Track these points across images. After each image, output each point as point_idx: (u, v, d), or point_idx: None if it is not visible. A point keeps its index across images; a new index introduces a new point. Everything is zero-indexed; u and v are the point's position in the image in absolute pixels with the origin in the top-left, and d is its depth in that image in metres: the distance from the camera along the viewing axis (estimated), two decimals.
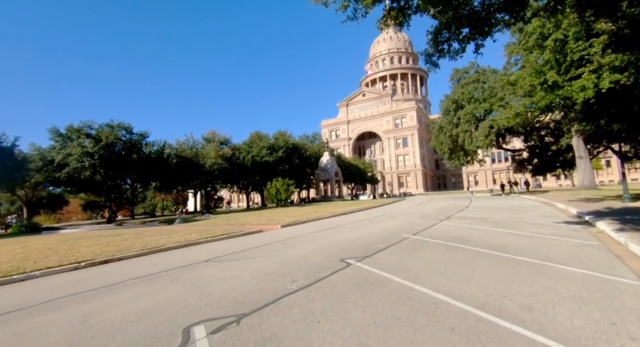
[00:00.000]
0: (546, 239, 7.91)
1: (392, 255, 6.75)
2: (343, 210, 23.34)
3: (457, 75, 35.36)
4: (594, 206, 14.37)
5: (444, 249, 7.19)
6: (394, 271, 5.46)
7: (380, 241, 8.55)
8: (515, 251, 6.61)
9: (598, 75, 11.58)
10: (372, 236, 9.66)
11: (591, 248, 6.72)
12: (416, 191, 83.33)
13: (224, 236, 12.72)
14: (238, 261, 7.27)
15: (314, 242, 9.32)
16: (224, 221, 21.71)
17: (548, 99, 12.97)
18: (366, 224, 13.80)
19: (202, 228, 16.40)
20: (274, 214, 23.65)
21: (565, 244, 7.22)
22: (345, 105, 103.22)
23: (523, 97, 13.50)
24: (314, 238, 10.39)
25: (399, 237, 9.09)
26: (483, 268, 5.44)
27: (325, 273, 5.50)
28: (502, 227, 10.26)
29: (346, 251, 7.53)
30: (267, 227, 15.86)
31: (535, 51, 12.50)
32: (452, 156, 35.40)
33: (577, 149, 28.89)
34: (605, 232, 8.54)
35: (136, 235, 13.70)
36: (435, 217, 14.05)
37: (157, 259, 8.62)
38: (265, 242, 10.31)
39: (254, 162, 40.57)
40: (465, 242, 7.80)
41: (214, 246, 10.46)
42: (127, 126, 31.31)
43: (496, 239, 8.19)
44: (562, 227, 9.74)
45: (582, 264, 5.49)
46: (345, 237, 10.02)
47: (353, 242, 8.85)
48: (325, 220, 17.82)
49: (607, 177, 70.16)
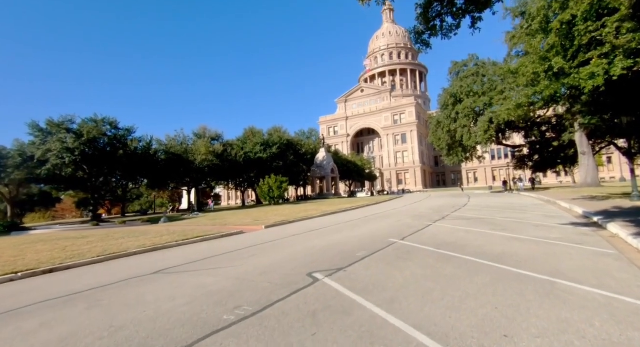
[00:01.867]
0: (553, 245, 6.84)
1: (371, 267, 5.68)
2: (335, 208, 22.32)
3: (456, 69, 34.10)
4: (600, 205, 13.30)
5: (433, 259, 6.12)
6: (367, 291, 4.39)
7: (362, 248, 7.48)
8: (518, 262, 5.54)
9: (609, 61, 10.46)
10: (355, 241, 8.59)
11: (608, 259, 5.65)
12: (415, 188, 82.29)
13: (199, 238, 11.67)
14: (191, 273, 6.19)
15: (289, 248, 8.25)
16: (209, 220, 20.68)
17: (553, 89, 11.83)
18: (354, 225, 12.74)
19: (180, 229, 15.35)
20: (263, 213, 22.61)
21: (577, 252, 6.14)
22: (343, 101, 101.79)
23: (525, 87, 12.41)
24: (292, 242, 9.32)
25: (384, 242, 8.02)
26: (478, 287, 4.37)
27: (282, 294, 4.42)
28: (502, 229, 9.19)
29: (320, 260, 6.46)
30: (250, 228, 14.81)
31: (539, 35, 11.36)
32: (450, 152, 34.22)
33: (580, 145, 27.76)
34: (620, 237, 7.48)
35: (104, 237, 12.62)
36: (429, 218, 12.97)
37: (107, 267, 7.55)
38: (238, 246, 9.24)
39: (246, 159, 39.41)
40: (459, 250, 6.73)
41: (180, 251, 9.39)
42: (112, 121, 29.98)
43: (495, 245, 7.12)
44: (569, 230, 8.67)
45: (602, 282, 4.41)
46: (326, 241, 8.95)
47: (332, 248, 7.78)
48: (314, 220, 16.77)
49: (608, 173, 69.12)
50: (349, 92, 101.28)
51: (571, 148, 31.45)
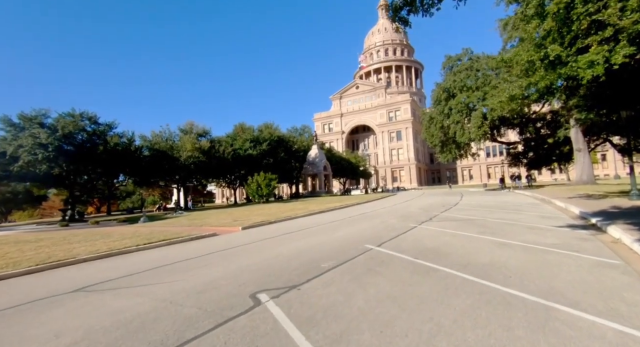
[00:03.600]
0: (547, 253, 5.95)
1: (332, 283, 4.73)
2: (323, 207, 21.42)
3: (450, 63, 33.10)
4: (598, 205, 12.50)
5: (408, 271, 5.18)
6: (313, 321, 3.44)
7: (331, 256, 6.53)
8: (506, 278, 4.63)
9: (610, 48, 9.57)
10: (327, 247, 7.64)
11: (613, 272, 4.75)
12: (410, 185, 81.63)
13: (164, 241, 10.67)
14: (117, 291, 5.18)
15: (251, 256, 7.28)
16: (189, 220, 19.65)
17: (548, 80, 10.92)
18: (335, 226, 11.80)
19: (151, 230, 14.33)
20: (248, 213, 21.63)
21: (575, 263, 5.25)
22: (338, 98, 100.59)
23: (519, 78, 11.54)
24: (259, 248, 8.36)
25: (359, 249, 7.07)
26: (455, 315, 3.44)
27: (204, 327, 3.45)
28: (492, 233, 8.30)
29: (277, 273, 5.50)
30: (226, 230, 13.84)
31: (534, 21, 10.43)
32: (444, 149, 33.34)
33: (575, 142, 27.05)
34: (623, 243, 6.61)
35: (60, 241, 11.55)
36: (416, 219, 12.07)
37: (36, 280, 6.53)
38: (199, 253, 8.26)
39: (236, 156, 38.22)
40: (441, 259, 5.81)
41: (133, 258, 8.39)
42: (91, 116, 28.58)
43: (482, 253, 6.22)
44: (565, 234, 7.80)
45: (609, 306, 3.51)
46: (297, 247, 8.00)
47: (299, 256, 6.82)
48: (297, 220, 15.82)
49: (602, 171, 68.93)
50: (344, 88, 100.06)
51: (566, 145, 30.75)
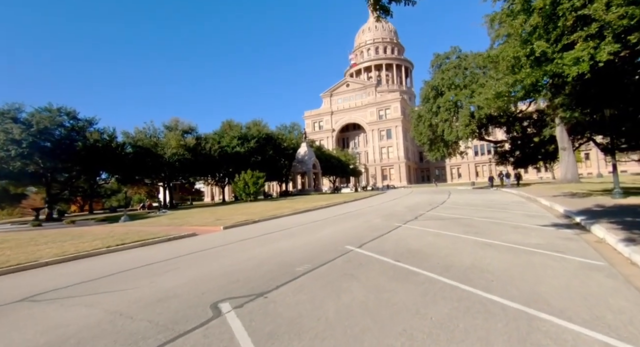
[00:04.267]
0: (532, 254, 5.74)
1: (303, 290, 4.38)
2: (310, 206, 21.08)
3: (438, 61, 33.09)
4: (582, 203, 12.52)
5: (387, 276, 4.87)
6: (274, 336, 3.08)
7: (308, 259, 6.18)
8: (488, 282, 4.36)
9: (595, 45, 9.49)
10: (305, 248, 7.29)
11: (598, 275, 4.55)
12: (400, 183, 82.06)
13: (138, 242, 10.15)
14: (67, 300, 4.70)
15: (223, 259, 6.88)
16: (170, 219, 19.04)
17: (534, 77, 10.80)
18: (318, 226, 11.47)
19: (127, 230, 13.72)
20: (232, 211, 21.13)
21: (560, 266, 5.03)
22: (329, 95, 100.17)
23: (506, 75, 11.40)
24: (235, 250, 7.96)
25: (338, 250, 6.74)
26: (430, 327, 3.13)
27: (149, 346, 3.05)
28: (477, 232, 8.09)
29: (245, 279, 5.12)
30: (207, 230, 13.35)
31: (521, 16, 10.28)
32: (432, 148, 33.36)
33: (560, 140, 27.39)
34: (608, 243, 6.47)
35: (26, 242, 10.88)
36: (401, 218, 11.83)
37: None
38: (170, 255, 7.80)
39: (222, 153, 37.42)
40: (422, 262, 5.53)
41: (101, 260, 7.87)
42: (69, 111, 27.37)
43: (465, 254, 5.97)
44: (550, 234, 7.65)
45: (595, 314, 3.26)
46: (273, 249, 7.63)
47: (273, 259, 6.45)
48: (281, 219, 15.44)
49: (585, 170, 70.59)
50: (335, 86, 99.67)
51: (551, 144, 31.17)
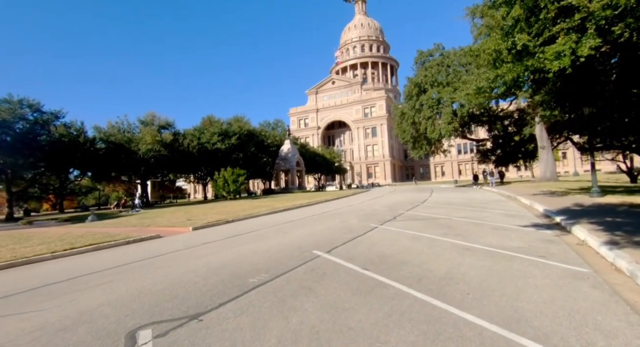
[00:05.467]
0: (512, 260, 5.24)
1: (248, 310, 3.68)
2: (290, 204, 20.37)
3: (422, 58, 32.91)
4: (561, 202, 12.35)
5: (350, 289, 4.24)
6: None
7: (267, 267, 5.48)
8: (464, 296, 3.79)
9: (576, 39, 9.19)
10: (268, 254, 6.58)
11: (583, 285, 4.06)
12: (384, 181, 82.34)
13: (90, 247, 9.22)
14: None
15: (170, 269, 6.09)
16: (140, 219, 17.90)
17: (515, 72, 10.48)
18: (291, 227, 10.78)
19: (85, 232, 12.62)
20: (207, 210, 20.16)
21: (542, 274, 4.54)
22: (314, 93, 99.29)
23: (487, 70, 11.04)
24: (190, 256, 7.17)
25: (303, 257, 6.08)
26: None
27: None
28: (455, 234, 7.61)
29: (185, 295, 4.38)
30: (174, 231, 12.44)
31: (503, 9, 9.90)
32: (415, 145, 33.21)
33: (540, 139, 27.69)
34: (590, 246, 6.08)
35: None
36: (379, 218, 11.29)
37: None
38: (115, 262, 6.95)
39: (202, 150, 36.06)
40: (393, 270, 4.93)
41: (40, 268, 6.94)
42: (32, 103, 25.36)
43: (441, 260, 5.42)
44: (530, 235, 7.24)
45: (586, 341, 2.72)
46: (233, 254, 6.89)
47: (231, 266, 5.73)
48: (256, 219, 14.67)
49: (563, 168, 72.82)
50: (320, 83, 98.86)
51: (531, 142, 31.59)
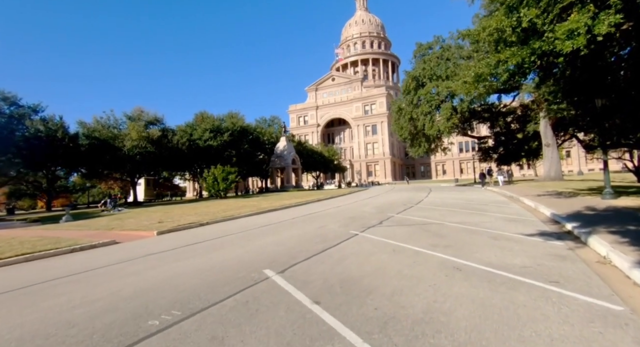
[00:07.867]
0: (515, 289, 3.91)
1: None
2: (277, 205, 19.14)
3: (421, 51, 31.36)
4: (570, 204, 10.98)
5: (281, 342, 2.93)
6: None
7: (193, 295, 4.19)
8: None
9: (592, 15, 7.82)
10: (207, 274, 5.29)
11: (622, 336, 2.72)
12: (385, 179, 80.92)
13: (21, 257, 8.01)
14: None
15: (76, 292, 4.83)
16: (109, 220, 16.70)
17: (520, 56, 9.14)
18: (262, 233, 9.51)
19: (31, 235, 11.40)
20: (187, 211, 18.95)
21: (557, 314, 3.21)
22: (314, 89, 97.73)
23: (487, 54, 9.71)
24: (120, 273, 5.91)
25: (248, 278, 4.78)
26: None
27: None
28: (445, 246, 6.28)
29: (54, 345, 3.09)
30: (136, 235, 11.20)
31: None
32: (414, 143, 31.76)
33: (544, 137, 26.23)
34: (615, 265, 4.73)
35: None
36: (364, 223, 9.96)
37: None
38: (13, 284, 5.68)
39: (193, 147, 34.78)
40: (353, 305, 3.62)
41: None
42: (8, 96, 24.15)
43: (421, 288, 4.09)
44: (538, 248, 5.90)
45: None
46: (170, 273, 5.63)
47: (149, 292, 4.45)
48: (233, 221, 13.44)
49: (567, 167, 71.10)
50: (320, 80, 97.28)
51: (535, 140, 30.14)
